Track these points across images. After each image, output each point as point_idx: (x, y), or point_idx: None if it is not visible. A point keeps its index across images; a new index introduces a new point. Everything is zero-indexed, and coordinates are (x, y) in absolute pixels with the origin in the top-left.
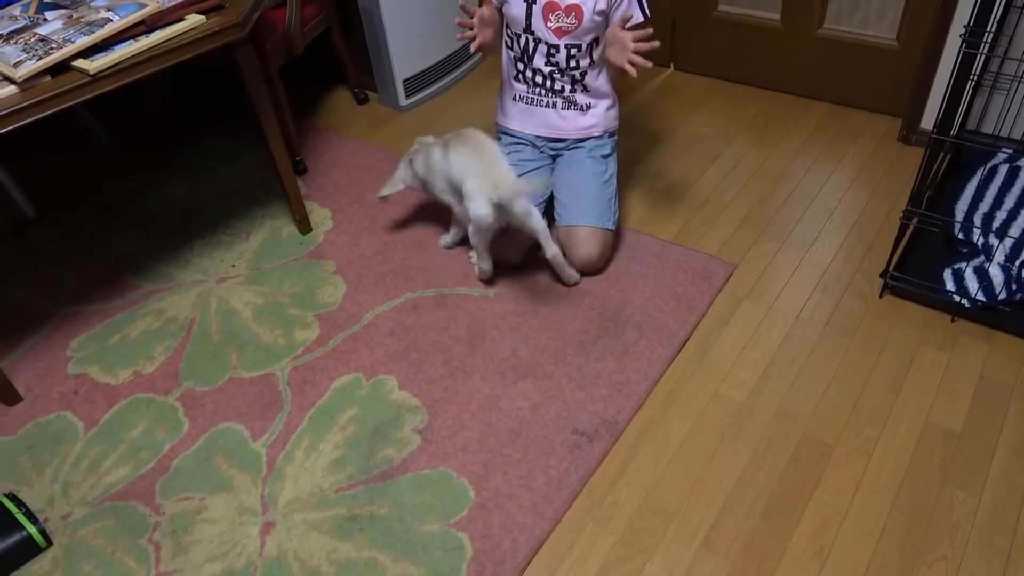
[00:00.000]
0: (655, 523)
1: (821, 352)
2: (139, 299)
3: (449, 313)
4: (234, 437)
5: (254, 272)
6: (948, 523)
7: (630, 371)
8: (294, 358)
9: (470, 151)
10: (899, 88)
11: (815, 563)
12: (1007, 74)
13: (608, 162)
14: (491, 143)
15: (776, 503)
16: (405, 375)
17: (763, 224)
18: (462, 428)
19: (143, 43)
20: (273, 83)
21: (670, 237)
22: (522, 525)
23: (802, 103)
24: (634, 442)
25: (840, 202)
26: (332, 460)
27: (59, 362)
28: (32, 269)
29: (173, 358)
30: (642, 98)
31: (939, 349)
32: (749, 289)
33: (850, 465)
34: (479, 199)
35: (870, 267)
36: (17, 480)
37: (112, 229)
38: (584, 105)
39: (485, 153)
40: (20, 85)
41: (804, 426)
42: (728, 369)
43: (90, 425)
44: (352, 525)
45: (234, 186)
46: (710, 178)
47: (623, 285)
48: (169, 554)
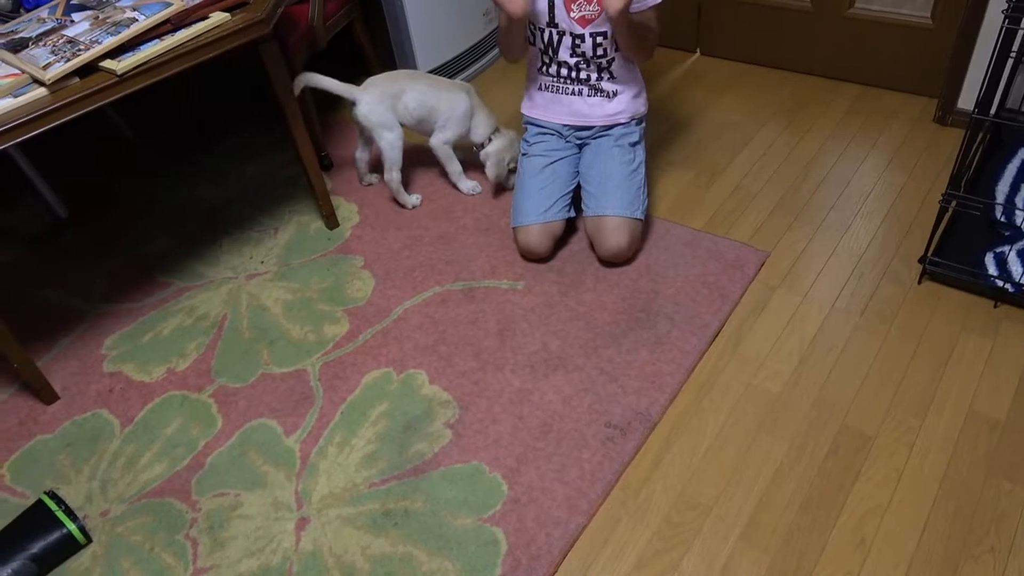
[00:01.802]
0: (691, 516)
1: (858, 341)
2: (170, 297)
3: (478, 306)
4: (267, 433)
5: (283, 268)
6: (994, 514)
7: (662, 362)
8: (324, 353)
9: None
10: (934, 68)
11: (857, 556)
12: None
13: (636, 150)
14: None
15: (815, 495)
16: (435, 369)
17: (796, 210)
18: (493, 422)
19: (169, 42)
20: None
21: (700, 225)
22: (556, 519)
23: (833, 85)
24: (668, 434)
25: (875, 186)
26: (365, 455)
27: (94, 360)
28: (65, 269)
29: (205, 355)
30: (668, 84)
31: (981, 336)
32: (783, 277)
33: (891, 456)
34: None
35: (908, 253)
36: (56, 478)
37: (142, 228)
38: (611, 92)
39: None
40: (50, 87)
41: (843, 417)
42: (763, 359)
43: (126, 423)
44: (386, 520)
45: (261, 183)
46: (740, 164)
47: (653, 275)
48: (206, 550)
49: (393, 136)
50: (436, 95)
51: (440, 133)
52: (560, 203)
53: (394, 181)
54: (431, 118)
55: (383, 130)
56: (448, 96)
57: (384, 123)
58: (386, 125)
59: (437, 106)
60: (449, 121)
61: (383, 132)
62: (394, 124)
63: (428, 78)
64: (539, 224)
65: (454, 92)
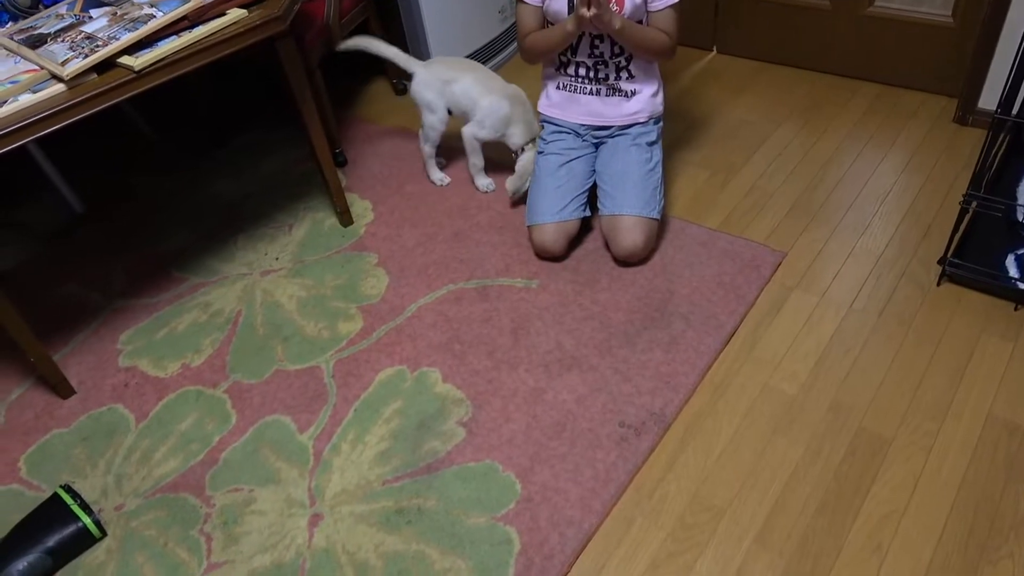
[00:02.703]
0: (706, 518)
1: (876, 343)
2: (185, 293)
3: (492, 304)
4: (281, 429)
5: (297, 265)
6: (1014, 520)
7: (677, 363)
8: (338, 351)
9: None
10: (955, 67)
11: (873, 561)
12: None
13: (653, 150)
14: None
15: (831, 499)
16: (449, 367)
17: (813, 211)
18: (507, 421)
19: (186, 38)
20: (313, 75)
21: (716, 225)
22: (570, 519)
23: (851, 85)
24: (683, 435)
25: (893, 186)
26: (378, 452)
27: (110, 355)
28: (81, 264)
29: (220, 351)
30: (685, 83)
31: (1002, 339)
32: (799, 278)
33: (909, 460)
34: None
35: (926, 254)
36: (72, 472)
37: (158, 223)
38: (629, 91)
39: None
40: (68, 83)
41: (859, 420)
42: (779, 361)
43: (141, 417)
44: (399, 518)
45: (276, 179)
46: (756, 164)
47: (669, 275)
48: (220, 545)
49: (435, 119)
50: (481, 93)
51: (474, 127)
52: (576, 202)
53: (424, 154)
54: (473, 111)
55: (427, 111)
56: (491, 97)
57: (429, 104)
58: (431, 107)
59: (479, 102)
60: (486, 120)
61: (426, 112)
62: (439, 107)
63: (483, 73)
64: (554, 223)
65: (497, 95)
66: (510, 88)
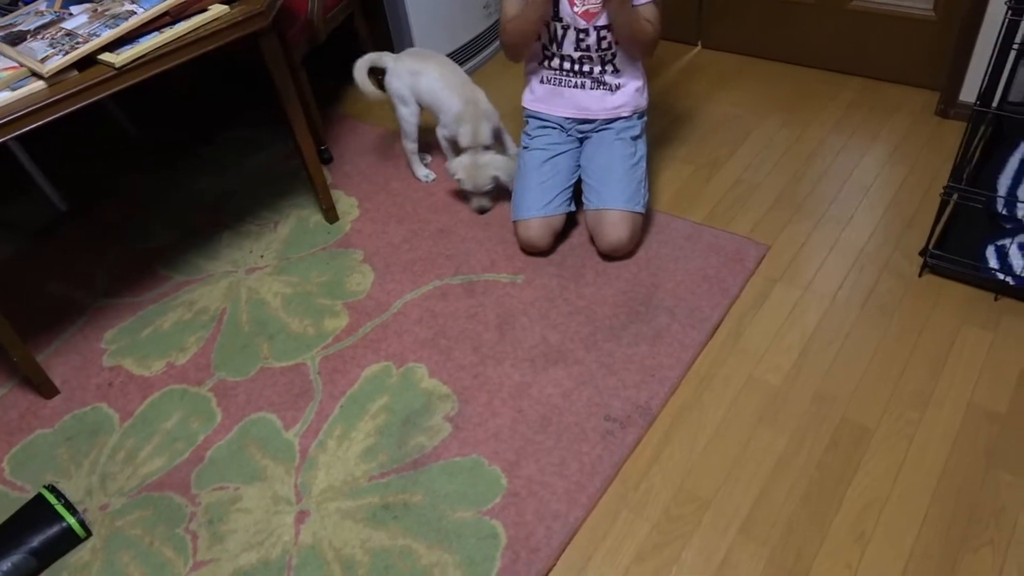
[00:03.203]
0: (691, 510)
1: (859, 334)
2: (170, 291)
3: (477, 300)
4: (267, 427)
5: (283, 262)
6: (994, 507)
7: (662, 356)
8: (324, 347)
9: (439, 59)
10: (937, 61)
11: (856, 549)
12: None
13: (637, 144)
14: None
15: (815, 489)
16: (435, 363)
17: (796, 204)
18: (493, 415)
19: (168, 34)
20: (297, 72)
21: (701, 219)
22: (556, 512)
23: (835, 79)
24: (668, 428)
25: (876, 179)
26: (364, 449)
27: (94, 355)
28: (65, 263)
29: (205, 349)
30: (669, 77)
31: (982, 329)
32: (783, 270)
33: (891, 449)
34: None
35: (908, 246)
36: (56, 472)
37: (141, 221)
38: (613, 85)
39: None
40: (48, 80)
41: (843, 410)
42: (763, 353)
43: (125, 417)
44: (386, 513)
45: (261, 176)
46: (741, 158)
47: (654, 269)
48: (206, 544)
49: (407, 112)
50: (441, 89)
51: (439, 126)
52: (561, 197)
53: (405, 151)
54: (435, 108)
55: (399, 103)
56: (448, 95)
57: (401, 96)
58: (402, 99)
59: (439, 100)
60: (442, 117)
61: (399, 104)
62: (409, 100)
63: (447, 69)
64: (540, 218)
65: (453, 94)
66: (469, 89)
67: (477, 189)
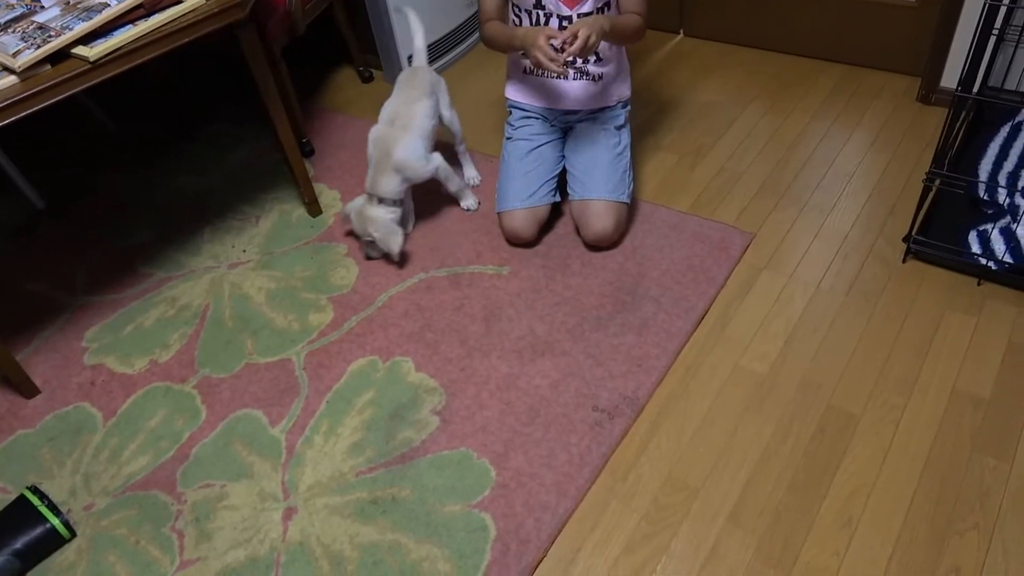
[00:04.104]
0: (679, 499)
1: (844, 321)
2: (151, 287)
3: (463, 292)
4: (252, 423)
5: (265, 257)
6: (979, 491)
7: (649, 345)
8: (309, 342)
9: (407, 97)
10: (917, 47)
11: (844, 535)
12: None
13: (621, 134)
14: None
15: (802, 476)
16: (421, 356)
17: (780, 191)
18: (481, 408)
19: (142, 27)
20: (276, 64)
21: (686, 208)
22: (545, 504)
23: (817, 65)
24: (655, 418)
25: (859, 166)
26: (351, 444)
27: (75, 353)
28: (44, 261)
29: (188, 346)
30: (652, 67)
31: (965, 314)
32: (768, 258)
33: (877, 435)
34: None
35: (892, 232)
36: (39, 472)
37: (121, 218)
38: (596, 75)
39: (405, 84)
40: (20, 75)
41: (828, 397)
42: (749, 341)
43: (108, 415)
44: (374, 508)
45: (241, 171)
46: (725, 146)
47: (639, 258)
48: (192, 542)
49: (432, 166)
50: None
51: None
52: (545, 188)
53: (452, 190)
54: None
55: (426, 163)
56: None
57: (419, 158)
58: (424, 159)
59: None
60: None
61: (427, 163)
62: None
63: (404, 99)
64: (524, 209)
65: (378, 127)
66: (392, 126)
67: (361, 236)
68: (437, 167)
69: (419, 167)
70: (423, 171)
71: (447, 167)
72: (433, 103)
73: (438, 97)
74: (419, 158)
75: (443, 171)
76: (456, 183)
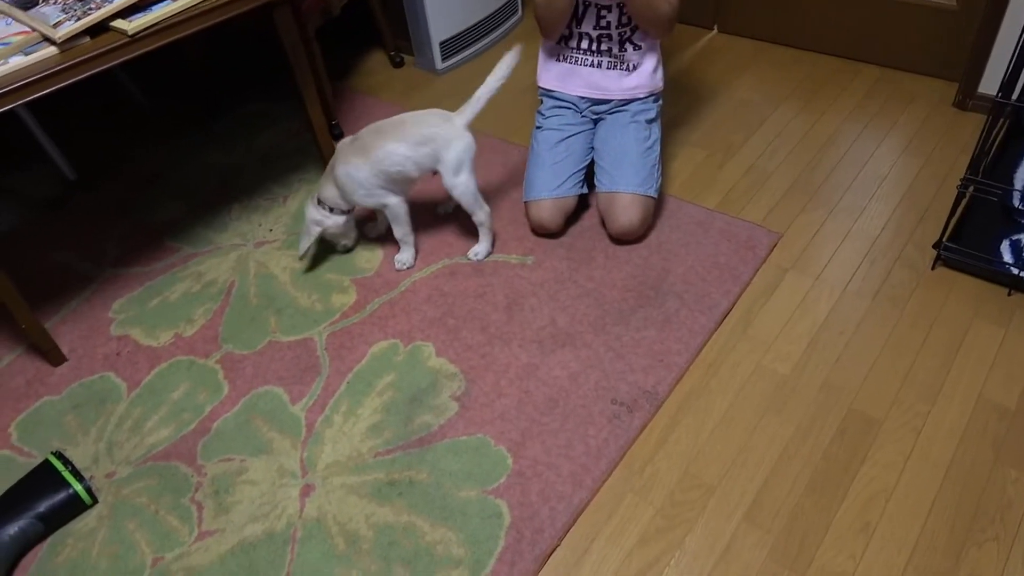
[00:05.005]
0: (696, 495)
1: (869, 325)
2: (178, 262)
3: (486, 280)
4: (273, 400)
5: (291, 237)
6: (1000, 503)
7: (671, 341)
8: (331, 323)
9: (392, 131)
10: (956, 51)
11: (860, 539)
12: None
13: (652, 127)
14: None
15: (820, 478)
16: (442, 342)
17: (810, 192)
18: (500, 396)
19: (182, 3)
20: (310, 44)
21: (713, 205)
22: (560, 494)
23: (852, 67)
24: (674, 413)
25: (891, 170)
26: (370, 425)
27: (101, 324)
28: (74, 232)
29: (213, 321)
30: (684, 62)
31: (994, 324)
32: (795, 259)
33: (898, 441)
34: (456, 131)
35: (922, 238)
36: (63, 439)
37: (151, 193)
38: (630, 65)
39: (407, 120)
40: (60, 46)
41: (851, 400)
42: (772, 341)
43: (133, 386)
44: (391, 490)
45: (271, 151)
46: (755, 144)
47: (664, 253)
48: (211, 514)
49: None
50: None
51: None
52: (573, 179)
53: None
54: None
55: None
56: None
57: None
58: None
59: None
60: None
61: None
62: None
63: (390, 130)
64: (551, 199)
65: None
66: (367, 136)
67: None
68: (387, 205)
69: (354, 195)
70: (360, 200)
71: (400, 213)
72: (417, 157)
73: (439, 157)
74: (358, 187)
75: (393, 212)
76: (401, 232)
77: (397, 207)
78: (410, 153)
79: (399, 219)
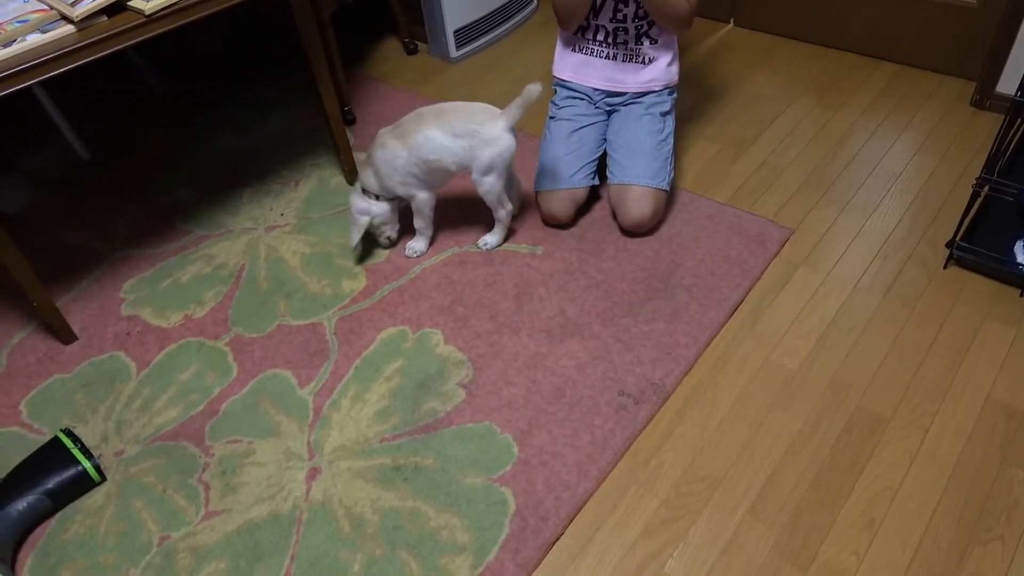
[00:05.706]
0: (700, 488)
1: (879, 322)
2: (190, 244)
3: (496, 269)
4: (282, 383)
5: (302, 221)
6: (1006, 503)
7: (679, 334)
8: (341, 308)
9: (433, 118)
10: (975, 49)
11: (864, 536)
12: None
13: (666, 120)
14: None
15: (826, 474)
16: (451, 329)
17: (823, 188)
18: (507, 384)
19: None
20: (324, 29)
21: (725, 199)
22: (566, 483)
23: (868, 63)
24: (681, 406)
25: (906, 168)
26: (377, 410)
27: (112, 304)
28: (86, 212)
29: (223, 304)
30: (700, 55)
31: (1005, 325)
32: (806, 255)
33: (905, 439)
34: (499, 132)
35: (935, 236)
36: (73, 416)
37: (164, 175)
38: (646, 58)
39: (449, 109)
40: (77, 24)
41: (858, 397)
42: (781, 336)
43: (142, 366)
44: (396, 475)
45: (283, 135)
46: (768, 139)
47: (675, 247)
48: (218, 494)
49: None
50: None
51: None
52: (585, 170)
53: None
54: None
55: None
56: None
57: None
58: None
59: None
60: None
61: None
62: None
63: (429, 120)
64: (563, 190)
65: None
66: (388, 137)
67: None
68: (415, 197)
69: (389, 181)
70: (394, 186)
71: (425, 208)
72: (455, 148)
73: (475, 154)
74: (393, 173)
75: (419, 204)
76: (422, 223)
77: (425, 201)
78: (448, 143)
79: (423, 212)
